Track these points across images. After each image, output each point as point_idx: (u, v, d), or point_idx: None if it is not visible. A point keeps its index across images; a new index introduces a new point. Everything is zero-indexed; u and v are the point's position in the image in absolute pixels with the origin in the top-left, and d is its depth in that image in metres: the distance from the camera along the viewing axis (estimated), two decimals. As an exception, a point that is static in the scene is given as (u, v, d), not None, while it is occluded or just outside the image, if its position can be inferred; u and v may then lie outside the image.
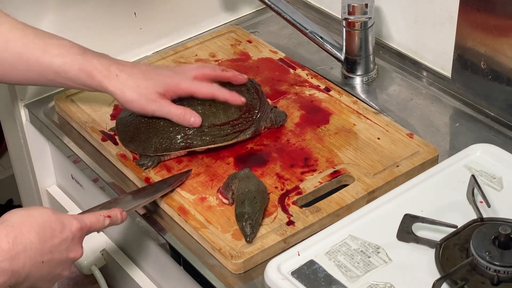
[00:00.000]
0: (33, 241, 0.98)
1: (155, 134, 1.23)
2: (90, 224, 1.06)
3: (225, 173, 1.21)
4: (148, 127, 1.23)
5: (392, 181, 1.19)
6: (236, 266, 1.08)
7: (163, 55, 1.48)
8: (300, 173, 1.21)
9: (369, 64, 1.42)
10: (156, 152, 1.22)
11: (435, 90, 1.40)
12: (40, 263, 0.99)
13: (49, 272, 1.01)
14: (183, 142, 1.23)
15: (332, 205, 1.15)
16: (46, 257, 1.00)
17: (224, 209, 1.16)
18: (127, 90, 1.20)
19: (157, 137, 1.22)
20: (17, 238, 0.97)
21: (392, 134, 1.27)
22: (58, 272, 1.03)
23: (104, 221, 1.08)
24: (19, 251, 0.97)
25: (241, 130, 1.25)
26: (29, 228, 0.98)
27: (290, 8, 1.45)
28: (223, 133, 1.24)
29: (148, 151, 1.22)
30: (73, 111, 1.36)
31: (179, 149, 1.23)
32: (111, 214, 1.09)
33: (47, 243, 0.99)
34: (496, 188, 1.14)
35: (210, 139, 1.23)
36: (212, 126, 1.23)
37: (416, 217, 1.08)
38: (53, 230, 1.00)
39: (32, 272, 0.98)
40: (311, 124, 1.30)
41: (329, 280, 1.02)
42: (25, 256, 0.97)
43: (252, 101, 1.27)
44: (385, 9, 1.47)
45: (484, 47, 1.28)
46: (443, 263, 1.02)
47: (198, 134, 1.23)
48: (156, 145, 1.22)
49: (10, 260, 0.96)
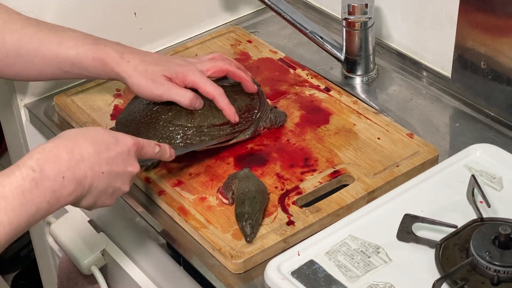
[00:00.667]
0: (90, 152, 1.00)
1: (154, 134, 1.23)
2: (143, 144, 1.08)
3: (225, 173, 1.21)
4: (147, 128, 1.23)
5: (392, 181, 1.19)
6: (236, 266, 1.08)
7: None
8: (300, 173, 1.21)
9: (369, 64, 1.42)
10: None
11: (435, 90, 1.41)
12: (100, 173, 1.01)
13: (109, 185, 1.03)
14: (183, 142, 1.23)
15: (332, 205, 1.15)
16: (105, 167, 1.02)
17: (224, 209, 1.16)
18: (136, 75, 1.22)
19: (157, 137, 1.22)
20: (74, 149, 0.99)
21: (392, 134, 1.27)
22: (119, 185, 1.05)
23: (154, 147, 1.10)
24: (78, 160, 0.99)
25: (240, 130, 1.25)
26: (84, 141, 1.01)
27: (290, 8, 1.45)
28: (222, 133, 1.24)
29: None
30: (73, 111, 1.36)
31: (179, 149, 1.23)
32: (161, 145, 1.12)
33: (103, 154, 1.02)
34: (496, 188, 1.14)
35: (209, 139, 1.23)
36: (211, 126, 1.23)
37: (416, 217, 1.08)
38: (108, 143, 1.03)
39: (94, 182, 1.01)
40: (311, 124, 1.30)
41: (329, 280, 1.02)
42: (85, 165, 0.99)
43: (252, 101, 1.27)
44: (385, 9, 1.47)
45: (484, 47, 1.28)
46: (443, 263, 1.02)
47: (198, 134, 1.23)
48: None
49: (73, 169, 0.98)
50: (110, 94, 1.39)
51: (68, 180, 0.97)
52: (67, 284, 1.44)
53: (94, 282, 1.39)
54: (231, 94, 1.26)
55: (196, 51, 1.49)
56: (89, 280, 1.41)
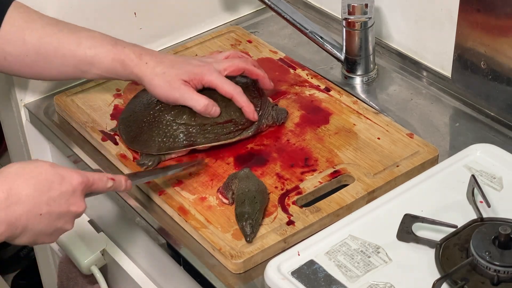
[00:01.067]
0: (29, 193, 0.97)
1: (157, 133, 1.23)
2: (92, 180, 1.04)
3: (225, 173, 1.21)
4: (150, 127, 1.23)
5: (392, 181, 1.19)
6: (236, 266, 1.08)
7: (163, 55, 1.48)
8: (300, 173, 1.21)
9: (369, 64, 1.42)
10: (159, 151, 1.22)
11: (435, 90, 1.41)
12: (38, 215, 0.98)
13: (50, 225, 1.00)
14: (186, 140, 1.23)
15: (332, 205, 1.15)
16: (44, 209, 0.98)
17: (224, 209, 1.16)
18: (154, 77, 1.22)
19: (160, 136, 1.22)
20: (12, 189, 0.96)
21: (392, 134, 1.27)
22: (60, 225, 1.02)
23: (107, 182, 1.06)
24: (13, 201, 0.96)
25: (243, 128, 1.25)
26: (24, 180, 0.97)
27: (290, 8, 1.45)
28: (225, 131, 1.24)
29: (151, 150, 1.23)
30: (73, 111, 1.36)
31: (182, 147, 1.23)
32: (116, 178, 1.08)
33: (44, 195, 0.98)
34: (496, 188, 1.14)
35: (213, 137, 1.23)
36: (215, 124, 1.23)
37: (416, 217, 1.08)
38: (51, 182, 0.99)
39: (30, 224, 0.98)
40: (311, 124, 1.30)
41: (329, 280, 1.02)
42: (21, 207, 0.96)
43: (253, 99, 1.27)
44: (385, 9, 1.47)
45: (484, 47, 1.28)
46: (443, 263, 1.02)
47: (201, 132, 1.23)
48: (160, 144, 1.22)
49: (5, 210, 0.95)
50: (110, 94, 1.39)
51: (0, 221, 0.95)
52: (67, 284, 1.44)
53: (94, 282, 1.39)
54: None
55: (196, 51, 1.49)
56: (89, 280, 1.41)
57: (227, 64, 1.26)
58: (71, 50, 1.23)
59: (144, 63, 1.23)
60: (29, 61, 1.24)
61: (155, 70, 1.22)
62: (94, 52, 1.23)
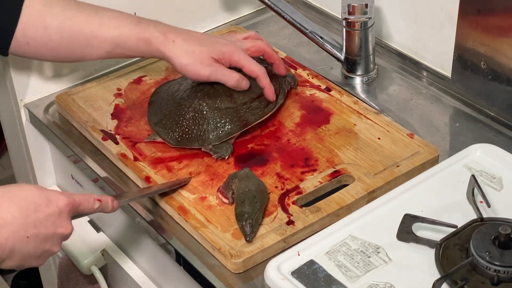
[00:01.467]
0: (15, 216, 0.96)
1: (208, 124, 1.25)
2: (79, 202, 1.03)
3: (225, 172, 1.21)
4: (196, 121, 1.25)
5: (392, 181, 1.19)
6: (235, 265, 1.08)
7: (159, 57, 1.48)
8: (300, 173, 1.21)
9: (369, 64, 1.42)
10: (220, 140, 1.24)
11: (435, 90, 1.41)
12: (25, 238, 0.97)
13: (37, 248, 0.99)
14: (239, 121, 1.26)
15: (332, 205, 1.15)
16: (31, 231, 0.98)
17: (224, 208, 1.16)
18: (183, 55, 1.23)
19: (212, 126, 1.25)
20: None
21: (393, 134, 1.27)
22: (47, 247, 1.01)
23: (93, 203, 1.05)
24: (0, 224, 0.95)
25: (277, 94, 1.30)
26: (10, 203, 0.97)
27: (290, 8, 1.45)
28: (264, 104, 1.28)
29: (212, 142, 1.24)
30: (74, 110, 1.36)
31: (239, 130, 1.26)
32: (102, 199, 1.07)
33: (30, 217, 0.97)
34: (496, 188, 1.14)
35: (259, 112, 1.28)
36: (253, 100, 1.28)
37: (416, 217, 1.08)
38: (37, 205, 0.98)
39: (16, 247, 0.97)
40: (311, 124, 1.30)
41: (329, 280, 1.02)
42: (6, 230, 0.95)
43: (267, 68, 1.31)
44: (385, 9, 1.47)
45: (484, 47, 1.28)
46: (443, 263, 1.02)
47: (248, 110, 1.27)
48: (217, 134, 1.24)
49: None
50: (111, 94, 1.39)
51: None
52: (67, 284, 1.44)
53: (94, 282, 1.39)
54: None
55: (196, 51, 1.49)
56: (89, 280, 1.41)
57: (250, 45, 1.29)
58: (94, 31, 1.24)
59: (171, 41, 1.23)
60: (52, 45, 1.25)
61: (183, 48, 1.23)
62: (117, 32, 1.24)
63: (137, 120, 1.33)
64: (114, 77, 1.43)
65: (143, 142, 1.28)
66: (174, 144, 1.26)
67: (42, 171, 1.51)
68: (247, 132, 1.29)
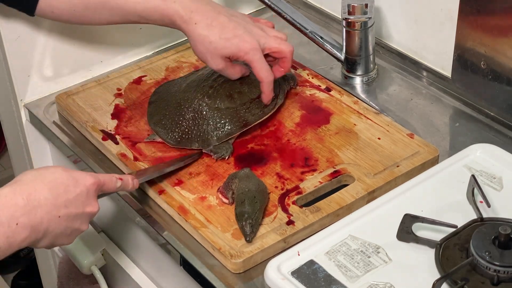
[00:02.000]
0: (47, 197, 0.99)
1: (208, 124, 1.25)
2: (103, 181, 1.07)
3: (225, 172, 1.21)
4: (196, 122, 1.26)
5: (392, 181, 1.19)
6: (235, 265, 1.08)
7: (164, 55, 1.48)
8: (300, 173, 1.21)
9: (369, 64, 1.42)
10: (220, 141, 1.25)
11: (435, 90, 1.41)
12: (57, 217, 1.00)
13: (67, 227, 1.02)
14: (239, 121, 1.26)
15: (332, 205, 1.15)
16: (63, 211, 1.01)
17: (224, 208, 1.16)
18: (199, 42, 1.23)
19: (211, 127, 1.25)
20: (31, 195, 0.98)
21: (393, 134, 1.27)
22: (77, 226, 1.04)
23: (116, 182, 1.09)
24: (34, 206, 0.98)
25: (277, 94, 1.31)
26: (41, 185, 0.99)
27: (290, 8, 1.45)
28: (263, 104, 1.28)
29: (212, 143, 1.25)
30: (74, 110, 1.36)
31: (239, 130, 1.26)
32: (123, 178, 1.11)
33: (61, 197, 1.00)
34: (496, 188, 1.14)
35: (259, 112, 1.28)
36: (252, 101, 1.28)
37: (416, 217, 1.08)
38: (66, 185, 1.02)
39: (50, 226, 1.00)
40: (311, 124, 1.30)
41: (329, 280, 1.02)
42: (41, 211, 0.98)
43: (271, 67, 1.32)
44: (385, 9, 1.47)
45: (484, 47, 1.28)
46: (443, 263, 1.02)
47: (247, 111, 1.27)
48: (217, 135, 1.25)
49: (28, 215, 0.97)
50: (111, 94, 1.39)
51: (23, 226, 0.97)
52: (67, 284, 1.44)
53: (94, 282, 1.39)
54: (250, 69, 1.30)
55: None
56: (89, 280, 1.41)
57: (275, 46, 1.26)
58: (119, 4, 1.24)
59: (194, 23, 1.23)
60: (77, 14, 1.26)
61: (203, 34, 1.22)
62: (142, 7, 1.24)
63: (137, 120, 1.33)
64: (114, 77, 1.43)
65: (143, 142, 1.28)
66: (174, 144, 1.26)
67: (42, 171, 1.51)
68: (247, 132, 1.29)
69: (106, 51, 1.48)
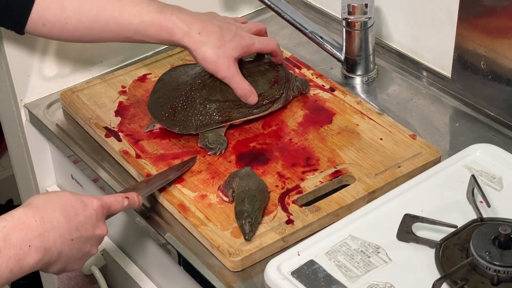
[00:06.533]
0: (59, 220, 0.99)
1: (193, 112, 1.26)
2: (110, 203, 1.07)
3: (226, 171, 1.21)
4: (184, 107, 1.27)
5: (393, 181, 1.19)
6: (234, 263, 1.08)
7: (169, 53, 1.48)
8: (302, 172, 1.21)
9: (369, 64, 1.42)
10: (197, 130, 1.26)
11: (435, 90, 1.41)
12: (70, 240, 1.00)
13: (79, 250, 1.02)
14: (221, 116, 1.26)
15: (332, 204, 1.15)
16: (75, 234, 1.01)
17: (224, 206, 1.16)
18: (207, 50, 1.23)
19: (196, 115, 1.26)
20: (44, 217, 0.98)
21: (395, 135, 1.27)
22: (88, 249, 1.04)
23: (123, 202, 1.09)
24: (47, 228, 0.97)
25: (273, 100, 1.30)
26: (53, 208, 0.99)
27: (290, 8, 1.45)
28: (257, 104, 1.28)
29: (190, 130, 1.26)
30: (78, 107, 1.36)
31: (219, 123, 1.26)
32: (129, 196, 1.11)
33: (72, 221, 1.01)
34: (496, 188, 1.14)
35: (247, 111, 1.27)
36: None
37: (416, 217, 1.08)
38: (76, 208, 1.02)
39: (63, 250, 1.00)
40: (314, 123, 1.30)
41: (329, 280, 1.02)
42: (54, 233, 0.98)
43: (279, 72, 1.32)
44: (385, 9, 1.47)
45: (484, 48, 1.28)
46: (443, 263, 1.02)
47: (235, 107, 1.27)
48: (197, 123, 1.26)
49: (41, 238, 0.97)
50: (115, 91, 1.39)
51: (35, 248, 0.96)
52: (67, 284, 1.44)
53: (94, 282, 1.39)
54: (258, 69, 1.31)
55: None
56: (89, 280, 1.41)
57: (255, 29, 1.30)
58: (114, 17, 1.22)
59: (196, 33, 1.23)
60: (69, 28, 1.23)
61: (209, 42, 1.23)
62: (139, 20, 1.22)
63: (140, 117, 1.33)
64: (119, 74, 1.43)
65: (145, 140, 1.28)
66: (158, 122, 1.28)
67: (42, 171, 1.51)
68: (250, 131, 1.29)
69: (105, 51, 1.48)
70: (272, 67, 1.32)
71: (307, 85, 1.36)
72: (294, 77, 1.34)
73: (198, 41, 1.22)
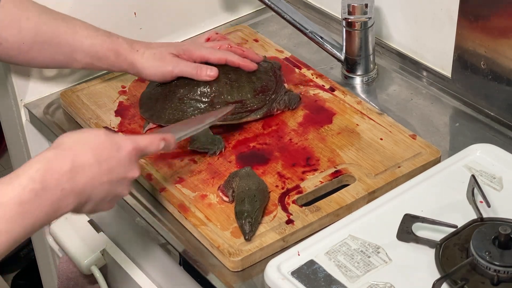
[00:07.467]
0: (91, 162, 0.99)
1: (169, 105, 1.28)
2: (145, 146, 1.07)
3: (226, 171, 1.21)
4: (165, 99, 1.29)
5: (393, 181, 1.19)
6: (234, 263, 1.08)
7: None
8: (302, 172, 1.21)
9: (369, 64, 1.42)
10: (168, 123, 1.27)
11: (435, 90, 1.41)
12: (101, 183, 1.01)
13: (110, 192, 1.03)
14: (194, 115, 1.27)
15: (332, 204, 1.15)
16: (106, 177, 1.01)
17: (224, 206, 1.16)
18: (146, 59, 1.29)
19: (171, 109, 1.28)
20: (75, 160, 0.98)
21: (395, 135, 1.27)
22: (119, 191, 1.04)
23: (159, 144, 1.09)
24: (78, 172, 0.98)
25: (253, 109, 1.29)
26: (84, 150, 0.99)
27: (290, 8, 1.45)
28: (235, 111, 1.27)
29: (161, 121, 1.28)
30: (78, 107, 1.36)
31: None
32: (166, 138, 1.10)
33: (104, 164, 1.01)
34: (496, 188, 1.14)
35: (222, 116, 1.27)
36: (224, 103, 1.27)
37: (416, 217, 1.08)
38: (109, 151, 1.02)
39: (94, 192, 1.00)
40: (314, 123, 1.30)
41: (329, 280, 1.02)
42: (85, 176, 0.98)
43: (268, 82, 1.31)
44: (385, 9, 1.47)
45: (484, 48, 1.28)
46: (443, 263, 1.02)
47: (210, 109, 1.27)
48: (169, 116, 1.28)
49: (72, 181, 0.97)
50: (115, 91, 1.40)
51: (67, 192, 0.97)
52: (67, 284, 1.44)
53: (94, 282, 1.39)
54: (248, 75, 1.30)
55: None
56: (89, 280, 1.41)
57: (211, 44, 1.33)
58: (67, 39, 1.27)
59: (136, 50, 1.29)
60: (24, 48, 1.26)
61: (145, 54, 1.29)
62: (90, 42, 1.28)
63: (140, 117, 1.33)
64: (118, 74, 1.43)
65: None
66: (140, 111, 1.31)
67: (42, 171, 1.51)
68: (250, 131, 1.29)
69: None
70: (265, 76, 1.31)
71: (297, 102, 1.33)
72: (284, 90, 1.32)
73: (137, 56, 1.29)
